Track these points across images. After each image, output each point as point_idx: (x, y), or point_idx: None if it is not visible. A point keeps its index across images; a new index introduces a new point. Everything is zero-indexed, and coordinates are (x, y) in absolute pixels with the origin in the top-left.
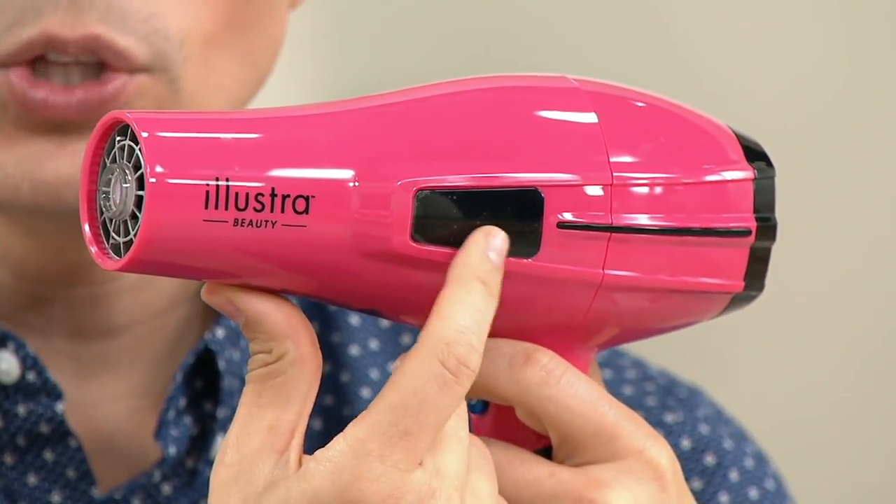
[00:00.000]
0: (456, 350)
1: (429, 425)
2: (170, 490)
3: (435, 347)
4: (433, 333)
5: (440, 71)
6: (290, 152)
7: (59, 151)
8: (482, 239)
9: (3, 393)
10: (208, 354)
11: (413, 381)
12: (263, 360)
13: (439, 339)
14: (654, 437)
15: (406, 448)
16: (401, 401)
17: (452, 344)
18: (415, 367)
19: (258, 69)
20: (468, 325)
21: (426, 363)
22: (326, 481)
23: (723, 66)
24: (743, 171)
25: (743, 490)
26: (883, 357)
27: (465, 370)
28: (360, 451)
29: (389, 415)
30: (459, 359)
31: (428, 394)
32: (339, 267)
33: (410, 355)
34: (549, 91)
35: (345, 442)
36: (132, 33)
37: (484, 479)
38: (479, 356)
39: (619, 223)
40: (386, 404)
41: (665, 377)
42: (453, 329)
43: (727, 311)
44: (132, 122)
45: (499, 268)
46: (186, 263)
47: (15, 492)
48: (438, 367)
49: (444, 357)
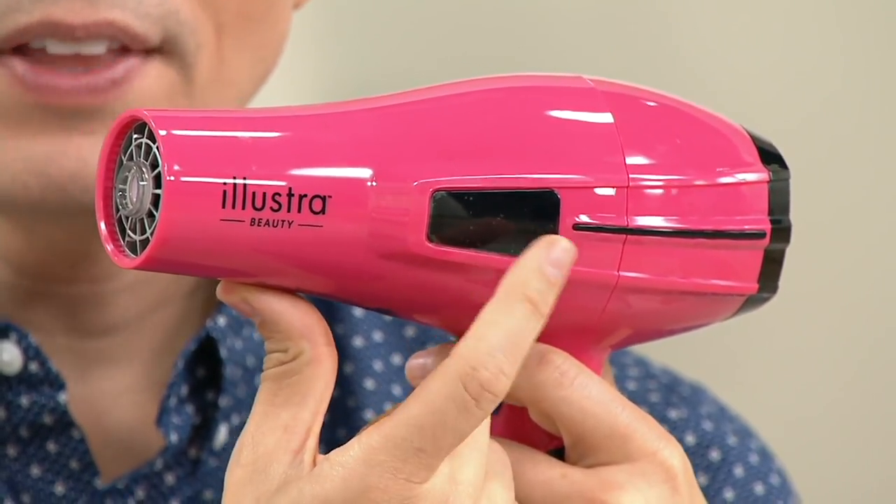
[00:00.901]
0: (482, 375)
1: (444, 446)
2: (173, 480)
3: (461, 370)
4: (462, 353)
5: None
6: (307, 152)
7: (66, 147)
8: (541, 250)
9: (6, 384)
10: (210, 343)
11: (432, 400)
12: (279, 359)
13: (466, 361)
14: (667, 438)
15: (419, 464)
16: (418, 418)
17: (479, 368)
18: (437, 385)
19: (265, 63)
20: (501, 348)
21: (448, 384)
22: (338, 487)
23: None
24: (758, 173)
25: (748, 486)
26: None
27: (489, 396)
28: (372, 461)
29: (405, 430)
30: (483, 384)
31: (446, 416)
32: (354, 267)
33: (436, 372)
34: (565, 91)
35: (359, 448)
36: (146, 17)
37: (501, 486)
38: (509, 381)
39: (634, 225)
40: (403, 418)
41: (668, 375)
42: (483, 351)
43: (740, 312)
44: (150, 119)
45: (555, 284)
46: (202, 262)
47: (18, 483)
48: (460, 390)
49: (468, 381)
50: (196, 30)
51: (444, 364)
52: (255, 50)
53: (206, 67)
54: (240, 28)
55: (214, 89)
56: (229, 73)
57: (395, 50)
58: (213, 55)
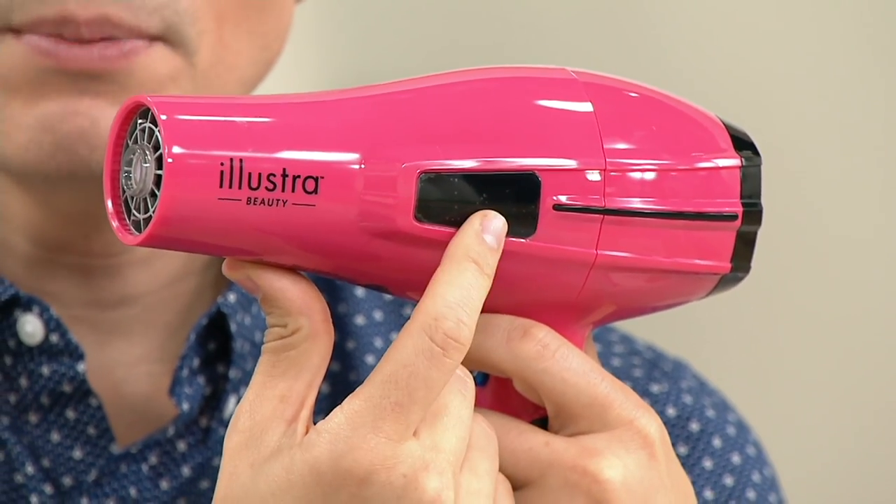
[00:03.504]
0: (444, 325)
1: (419, 397)
2: (184, 447)
3: (424, 323)
4: (423, 310)
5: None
6: (300, 135)
7: (77, 106)
8: (477, 221)
9: (28, 354)
10: (221, 318)
11: (403, 355)
12: (279, 333)
13: (428, 315)
14: (644, 407)
15: (397, 419)
16: (391, 374)
17: (441, 319)
18: (405, 341)
19: (268, 50)
20: (458, 301)
21: (415, 337)
22: (325, 451)
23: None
24: (731, 159)
25: (725, 455)
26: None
27: (454, 343)
28: (355, 422)
29: (381, 388)
30: (447, 333)
31: (417, 367)
32: (345, 245)
33: (403, 331)
34: (547, 81)
35: (342, 414)
36: (141, 9)
37: (484, 457)
38: (470, 331)
39: (611, 206)
40: (379, 377)
41: (651, 351)
42: (442, 305)
43: (716, 291)
44: (152, 105)
45: (493, 249)
46: (202, 240)
47: (39, 448)
48: (427, 342)
49: (433, 332)
50: (197, 18)
51: (409, 323)
52: (256, 37)
53: (209, 52)
54: (240, 16)
55: (216, 73)
56: (231, 57)
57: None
58: (214, 41)
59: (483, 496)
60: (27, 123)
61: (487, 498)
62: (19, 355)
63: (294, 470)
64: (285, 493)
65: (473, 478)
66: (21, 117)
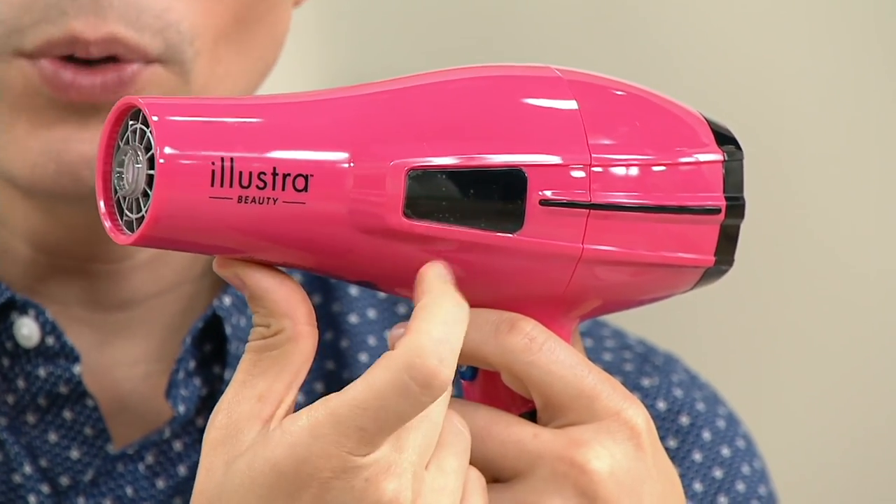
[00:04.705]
0: (428, 363)
1: (385, 427)
2: (181, 447)
3: (407, 359)
4: (407, 344)
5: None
6: (289, 135)
7: (81, 133)
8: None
9: (25, 356)
10: (216, 320)
11: (378, 386)
12: (262, 333)
13: (411, 352)
14: (631, 399)
15: (360, 440)
16: (363, 400)
17: (425, 356)
18: (383, 374)
19: (263, 62)
20: (441, 338)
21: (394, 372)
22: (286, 453)
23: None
24: (713, 154)
25: (715, 448)
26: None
27: (435, 383)
28: (316, 432)
29: (349, 409)
30: (429, 372)
31: (389, 401)
32: (336, 242)
33: (384, 359)
34: (533, 80)
35: (306, 419)
36: (147, 28)
37: (452, 454)
38: (451, 370)
39: (597, 200)
40: (350, 397)
41: (642, 346)
42: (427, 341)
43: (700, 284)
44: (144, 106)
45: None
46: (194, 238)
47: (37, 448)
48: (405, 379)
49: (414, 371)
50: (195, 39)
51: (391, 353)
52: (251, 50)
53: (203, 69)
54: (238, 31)
55: (211, 85)
56: (225, 70)
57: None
58: (210, 58)
59: (447, 493)
60: (31, 148)
61: (452, 494)
62: (16, 357)
63: (255, 466)
64: (248, 491)
65: (440, 475)
66: (25, 141)
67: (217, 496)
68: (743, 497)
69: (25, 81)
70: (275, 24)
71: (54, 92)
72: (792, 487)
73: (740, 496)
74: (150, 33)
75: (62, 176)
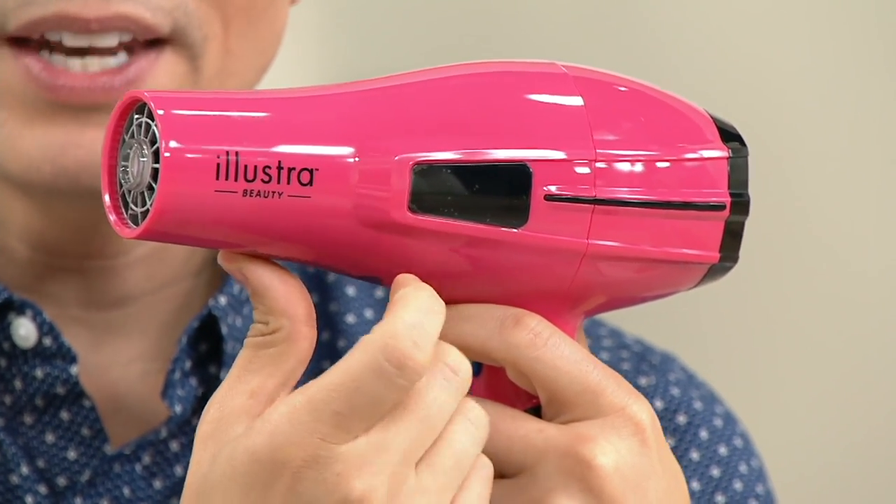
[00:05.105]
0: (401, 344)
1: (361, 410)
2: (177, 447)
3: (381, 341)
4: (382, 328)
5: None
6: (295, 129)
7: (80, 138)
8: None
9: (23, 357)
10: (212, 320)
11: (352, 368)
12: (260, 329)
13: (385, 333)
14: (636, 394)
15: (336, 426)
16: (338, 383)
17: (398, 338)
18: (358, 355)
19: (265, 56)
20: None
21: (369, 353)
22: (265, 441)
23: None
24: (718, 150)
25: (712, 447)
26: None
27: (409, 364)
28: (293, 419)
29: (325, 393)
30: (403, 352)
31: (363, 382)
32: (340, 236)
33: (359, 343)
34: (539, 75)
35: (284, 407)
36: (158, 9)
37: (450, 454)
38: (426, 354)
39: (602, 196)
40: (326, 381)
41: (640, 345)
42: (401, 325)
43: (704, 281)
44: (149, 100)
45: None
46: (199, 232)
47: (34, 449)
48: (379, 359)
49: (388, 351)
50: (203, 22)
51: (366, 336)
52: (256, 42)
53: (214, 59)
54: (244, 21)
55: (219, 80)
56: (234, 64)
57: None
58: (219, 47)
59: (433, 493)
60: (25, 146)
61: (440, 494)
62: (14, 358)
63: (236, 456)
64: (230, 481)
65: (430, 475)
66: (19, 139)
67: (203, 488)
68: (740, 496)
69: (8, 75)
70: (275, 18)
71: (43, 93)
72: (790, 486)
73: (738, 495)
74: (163, 13)
75: (59, 178)
